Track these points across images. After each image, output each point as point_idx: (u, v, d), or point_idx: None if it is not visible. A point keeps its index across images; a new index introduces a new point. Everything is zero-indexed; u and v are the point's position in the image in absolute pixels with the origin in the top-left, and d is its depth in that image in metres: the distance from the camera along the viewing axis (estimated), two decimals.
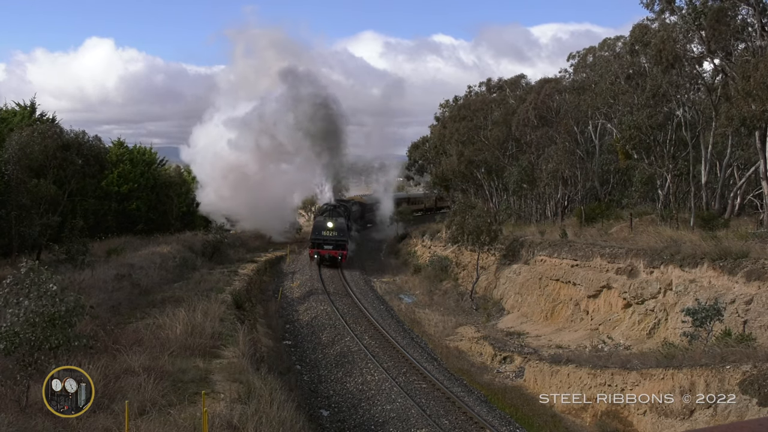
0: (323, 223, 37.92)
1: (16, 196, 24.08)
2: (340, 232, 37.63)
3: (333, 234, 37.34)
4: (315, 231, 38.06)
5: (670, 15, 25.10)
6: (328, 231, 37.38)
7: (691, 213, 25.74)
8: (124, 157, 40.06)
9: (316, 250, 37.15)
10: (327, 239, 37.19)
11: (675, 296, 19.38)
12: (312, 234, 38.65)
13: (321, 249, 37.13)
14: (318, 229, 37.83)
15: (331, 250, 36.91)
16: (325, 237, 37.28)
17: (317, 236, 37.58)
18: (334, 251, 36.99)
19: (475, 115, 44.09)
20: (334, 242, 37.18)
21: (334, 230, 37.44)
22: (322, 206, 44.40)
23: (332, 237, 37.27)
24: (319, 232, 37.65)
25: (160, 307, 17.06)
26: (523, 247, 29.59)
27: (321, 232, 37.50)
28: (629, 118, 26.51)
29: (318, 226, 38.06)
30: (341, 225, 38.10)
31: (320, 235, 37.44)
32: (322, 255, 37.04)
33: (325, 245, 37.02)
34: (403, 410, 15.76)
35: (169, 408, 10.29)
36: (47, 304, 9.42)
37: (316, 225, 38.63)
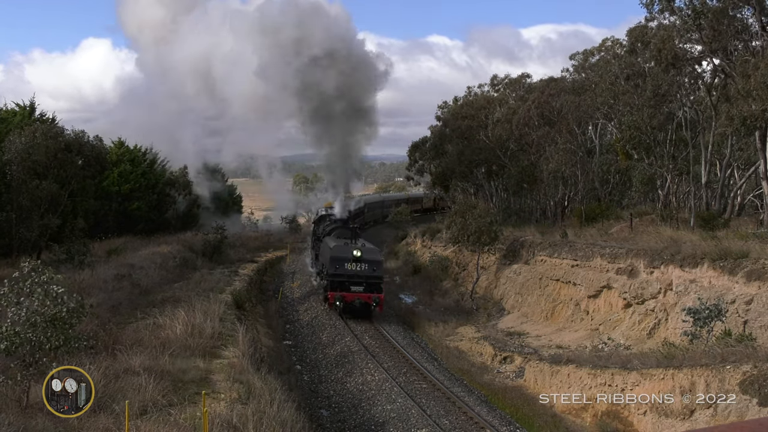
0: (346, 252, 25.31)
1: (17, 196, 24.09)
2: (373, 265, 25.24)
3: (362, 268, 24.94)
4: (333, 263, 25.06)
5: (670, 15, 25.11)
6: (355, 263, 24.92)
7: (691, 213, 25.74)
8: (124, 157, 40.06)
9: (338, 293, 24.72)
10: (354, 276, 24.91)
11: (675, 296, 19.38)
12: (327, 266, 25.68)
13: (346, 292, 24.72)
14: (338, 261, 25.05)
15: (361, 293, 24.63)
16: (350, 273, 24.86)
17: (338, 271, 24.92)
18: (367, 295, 24.63)
19: (477, 114, 44.12)
20: (365, 280, 24.93)
21: (364, 262, 25.00)
22: (326, 220, 34.42)
23: (362, 272, 24.92)
24: (340, 264, 24.96)
25: (160, 307, 17.06)
26: (523, 247, 29.59)
27: (344, 265, 24.88)
28: (629, 118, 26.52)
29: (338, 257, 25.20)
30: (374, 254, 26.03)
31: (343, 270, 24.84)
32: (349, 302, 24.55)
33: (353, 286, 24.77)
34: (403, 410, 15.76)
35: (170, 408, 10.29)
36: (49, 305, 9.42)
37: (333, 254, 25.49)
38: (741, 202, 26.42)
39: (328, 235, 29.67)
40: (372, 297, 24.67)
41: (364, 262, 25.05)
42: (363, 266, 25.06)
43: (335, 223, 32.32)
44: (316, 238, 33.27)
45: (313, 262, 35.08)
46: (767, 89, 19.98)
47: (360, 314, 25.01)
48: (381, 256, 27.57)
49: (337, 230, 30.14)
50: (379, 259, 26.38)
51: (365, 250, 25.80)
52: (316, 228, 35.34)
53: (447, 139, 46.66)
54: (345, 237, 28.05)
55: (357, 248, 25.39)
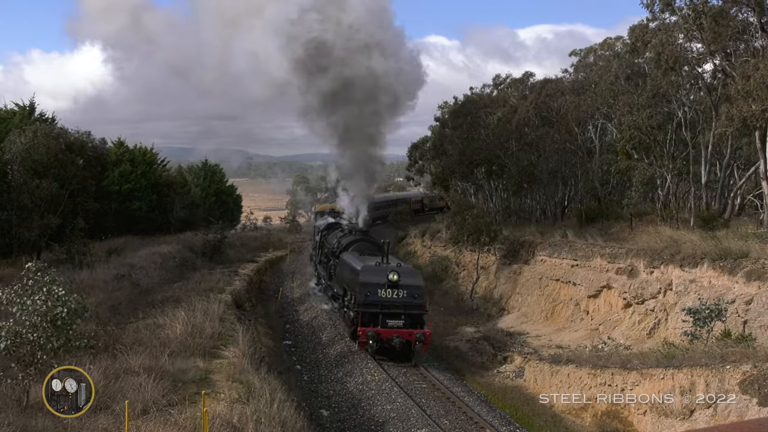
0: (379, 275, 19.67)
1: (18, 196, 24.11)
2: (414, 291, 19.67)
3: (400, 295, 19.46)
4: (364, 290, 19.51)
5: (670, 15, 25.12)
6: (391, 290, 19.42)
7: (691, 213, 25.74)
8: (124, 157, 40.10)
9: (371, 330, 19.09)
10: (390, 306, 19.43)
11: (675, 296, 19.40)
12: (354, 293, 20.06)
13: (382, 327, 19.22)
14: (369, 287, 19.48)
15: (400, 329, 19.20)
16: (385, 302, 19.41)
17: (369, 300, 19.43)
18: (408, 331, 19.21)
19: (478, 113, 44.12)
20: (404, 311, 19.44)
21: (403, 287, 19.48)
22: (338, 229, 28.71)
23: (400, 301, 19.47)
24: (372, 291, 19.43)
25: (160, 307, 17.05)
26: (523, 247, 29.60)
27: (376, 292, 19.38)
28: (629, 118, 26.52)
29: (368, 282, 19.57)
30: (413, 277, 20.32)
31: (375, 298, 19.40)
32: (386, 339, 19.03)
33: (389, 320, 19.30)
34: (403, 410, 15.76)
35: (170, 408, 10.29)
36: (50, 306, 9.43)
37: (364, 279, 19.72)
38: (741, 202, 26.41)
39: (346, 251, 23.96)
40: (415, 334, 18.95)
41: (402, 287, 19.35)
42: (401, 293, 19.33)
43: (352, 234, 26.19)
44: (329, 253, 26.61)
45: (323, 283, 28.36)
46: (767, 89, 19.99)
47: (399, 356, 19.22)
48: (422, 279, 21.30)
49: (357, 244, 24.70)
50: (420, 283, 20.32)
51: (403, 272, 19.79)
52: (325, 238, 29.22)
53: (447, 139, 46.65)
54: (369, 252, 23.31)
55: (393, 270, 19.38)
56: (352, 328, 20.65)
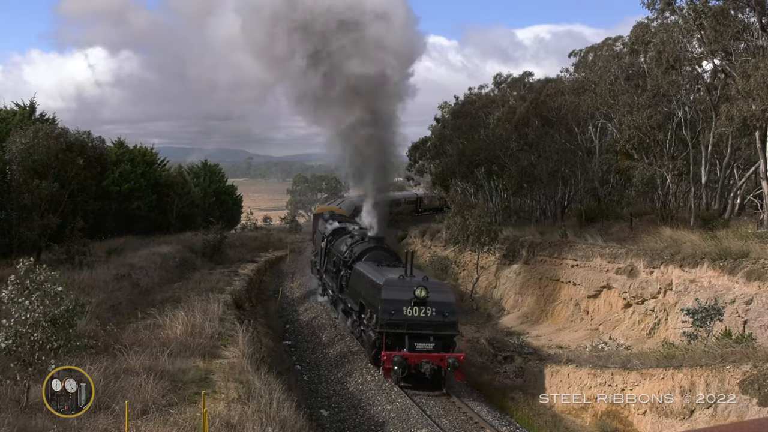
0: (403, 290, 17.32)
1: (18, 196, 24.12)
2: (444, 308, 17.33)
3: (429, 313, 17.12)
4: (387, 308, 17.14)
5: (671, 15, 25.11)
6: (418, 308, 17.08)
7: (691, 213, 25.74)
8: (124, 157, 40.11)
9: (397, 353, 16.77)
10: (417, 326, 17.12)
11: (675, 296, 19.41)
12: (376, 311, 17.61)
13: (409, 350, 16.93)
14: (393, 305, 17.14)
15: (431, 353, 16.88)
16: (412, 322, 17.12)
17: (393, 319, 17.12)
18: (439, 355, 16.87)
19: (477, 113, 44.10)
20: (433, 332, 17.14)
21: (432, 305, 17.14)
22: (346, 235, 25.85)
23: (428, 320, 17.14)
24: (396, 309, 17.11)
25: (160, 307, 17.06)
26: (523, 247, 29.60)
27: (401, 310, 17.08)
28: (629, 118, 26.52)
29: (392, 299, 17.22)
30: (443, 293, 17.90)
31: (400, 317, 17.11)
32: (414, 365, 16.79)
33: (418, 342, 17.00)
34: (403, 410, 15.75)
35: (170, 408, 10.29)
36: (50, 305, 9.43)
37: (386, 295, 17.34)
38: (741, 202, 26.40)
39: (359, 260, 21.70)
40: (446, 358, 16.54)
41: (430, 305, 16.95)
42: (429, 311, 16.93)
43: (365, 241, 23.57)
44: (339, 262, 23.70)
45: (331, 294, 25.69)
46: (767, 89, 19.98)
47: (429, 385, 16.92)
48: (452, 294, 18.90)
49: (372, 252, 22.29)
50: (452, 299, 17.75)
51: (431, 286, 17.33)
52: (331, 245, 26.74)
53: (447, 139, 46.64)
54: (387, 262, 21.33)
55: (421, 286, 17.00)
56: (373, 352, 18.06)
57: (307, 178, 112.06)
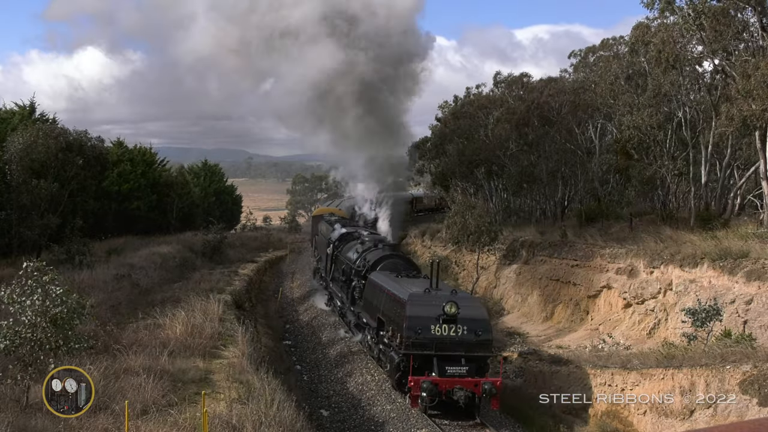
0: (430, 306, 15.41)
1: (17, 196, 24.12)
2: (477, 326, 15.35)
3: (460, 332, 15.18)
4: (412, 326, 15.23)
5: (671, 15, 25.10)
6: (448, 325, 15.13)
7: (691, 213, 25.74)
8: (124, 157, 40.12)
9: (426, 379, 14.73)
10: (446, 346, 15.18)
11: (675, 296, 19.41)
12: (400, 330, 15.57)
13: (440, 375, 14.89)
14: (419, 323, 15.24)
15: (464, 378, 14.88)
16: (441, 342, 15.17)
17: (420, 339, 15.19)
18: (473, 380, 14.88)
19: (477, 114, 44.10)
20: (464, 352, 15.18)
21: (463, 322, 15.19)
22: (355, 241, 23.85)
23: (459, 340, 15.19)
24: (423, 327, 15.19)
25: (160, 307, 17.05)
26: (523, 247, 29.60)
27: (428, 329, 15.15)
28: (629, 118, 26.52)
29: (418, 315, 15.33)
30: (475, 308, 15.95)
31: (428, 336, 15.17)
32: (445, 390, 14.75)
33: (449, 365, 15.03)
34: (403, 410, 15.75)
35: (170, 408, 10.29)
36: (49, 305, 9.42)
37: (412, 312, 15.38)
38: (741, 202, 26.40)
39: (374, 270, 19.97)
40: (481, 384, 14.55)
41: (462, 322, 14.95)
42: (461, 329, 14.96)
43: (378, 248, 21.56)
44: (350, 271, 21.83)
45: (339, 305, 24.04)
46: (767, 89, 19.98)
47: (461, 413, 15.04)
48: (485, 309, 17.11)
49: (388, 261, 20.45)
50: (485, 315, 15.88)
51: (461, 301, 15.28)
52: (339, 251, 24.60)
53: (447, 139, 46.64)
54: (406, 272, 19.40)
55: (450, 301, 14.96)
56: (396, 376, 15.70)
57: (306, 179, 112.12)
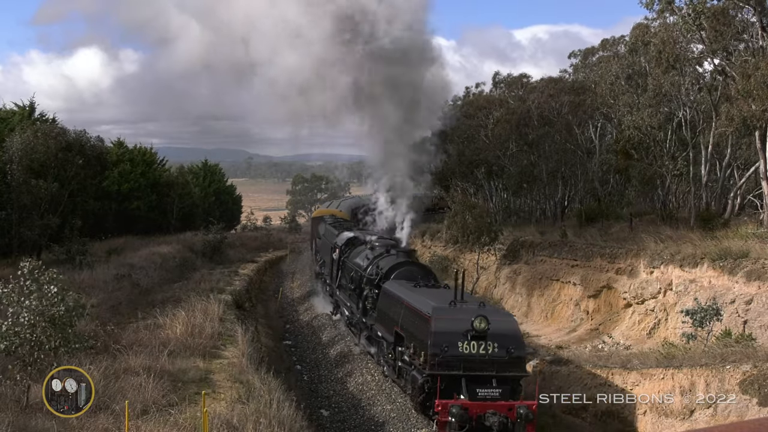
0: (457, 320, 13.75)
1: (18, 196, 24.12)
2: (509, 342, 13.67)
3: (491, 350, 13.50)
4: (437, 342, 13.50)
5: (670, 15, 25.09)
6: (477, 342, 13.46)
7: (691, 213, 25.74)
8: (124, 157, 40.12)
9: (455, 402, 12.91)
10: (475, 366, 13.47)
11: (675, 296, 19.41)
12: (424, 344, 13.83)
13: (470, 398, 13.16)
14: (445, 339, 13.53)
15: (496, 401, 13.19)
16: (469, 361, 13.47)
17: (446, 357, 13.47)
18: (506, 404, 13.09)
19: (477, 114, 44.10)
20: (495, 371, 13.48)
21: (494, 338, 13.56)
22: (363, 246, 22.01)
23: (489, 358, 13.49)
24: (450, 344, 13.48)
25: (160, 307, 17.05)
26: (523, 247, 29.60)
27: (456, 346, 13.45)
28: (629, 118, 26.54)
29: (443, 330, 13.60)
30: (506, 322, 14.32)
31: (455, 354, 13.45)
32: (476, 415, 12.86)
33: (480, 386, 13.36)
34: (403, 410, 15.74)
35: (170, 408, 10.30)
36: (48, 305, 9.42)
37: (437, 327, 13.61)
38: (741, 202, 26.41)
39: (387, 278, 18.29)
40: (517, 409, 12.81)
41: (491, 338, 13.35)
42: (491, 346, 13.33)
43: (391, 254, 19.92)
44: (361, 279, 20.09)
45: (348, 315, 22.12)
46: (767, 89, 19.98)
47: None
48: (516, 323, 14.84)
49: (404, 269, 18.67)
50: (516, 330, 14.16)
51: (490, 315, 13.64)
52: (347, 257, 22.71)
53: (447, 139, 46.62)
54: (424, 282, 17.73)
55: (479, 315, 13.36)
56: (420, 398, 13.90)
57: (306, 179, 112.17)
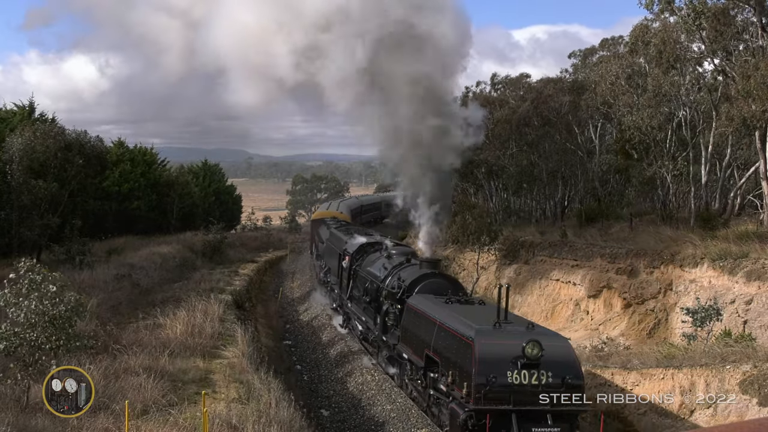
0: (505, 344, 11.28)
1: (18, 196, 24.11)
2: (566, 371, 11.17)
3: (545, 379, 10.98)
4: (483, 370, 10.97)
5: (670, 15, 25.10)
6: (529, 371, 10.96)
7: (691, 213, 25.75)
8: (124, 157, 40.10)
9: None
10: (529, 399, 10.91)
11: (675, 296, 19.41)
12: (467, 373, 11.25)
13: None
14: (492, 367, 11.03)
15: None
16: (520, 392, 10.91)
17: (494, 388, 10.87)
18: None
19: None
20: (551, 405, 10.88)
21: (547, 366, 11.05)
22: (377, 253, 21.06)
23: (545, 389, 10.92)
24: (498, 373, 10.96)
25: (161, 307, 17.05)
26: (523, 247, 29.60)
27: (504, 375, 10.95)
28: (629, 118, 26.54)
29: (489, 357, 11.13)
30: (562, 347, 11.60)
31: (503, 384, 10.91)
32: None
33: (533, 423, 10.84)
34: (403, 410, 15.74)
35: (170, 408, 10.30)
36: (47, 304, 9.42)
37: (482, 353, 11.13)
38: (741, 202, 26.42)
39: (410, 293, 16.13)
40: None
41: (545, 366, 11.16)
42: (545, 376, 11.13)
43: (413, 264, 18.03)
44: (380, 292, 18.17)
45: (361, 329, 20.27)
46: (767, 89, 19.99)
47: None
48: (572, 348, 12.24)
49: (428, 282, 16.40)
50: (573, 356, 11.74)
51: (543, 338, 11.38)
52: (359, 266, 21.07)
53: None
54: (456, 298, 14.97)
55: (531, 339, 11.07)
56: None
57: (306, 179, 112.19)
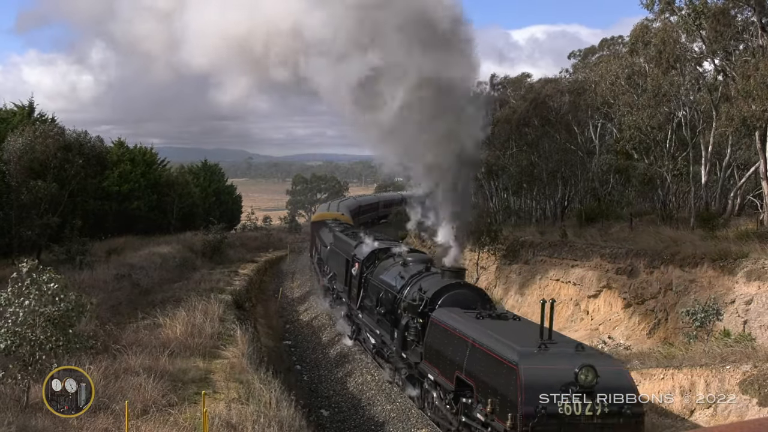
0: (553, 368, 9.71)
1: (17, 196, 24.11)
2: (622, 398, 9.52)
3: (600, 409, 9.40)
4: (530, 398, 9.36)
5: (670, 15, 25.10)
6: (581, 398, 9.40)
7: (691, 213, 25.75)
8: (124, 157, 40.08)
9: None
10: (582, 430, 9.39)
11: (675, 296, 19.41)
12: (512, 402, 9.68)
13: None
14: (538, 393, 9.38)
15: None
16: (573, 423, 9.34)
17: (545, 416, 9.28)
18: None
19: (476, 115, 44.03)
20: None
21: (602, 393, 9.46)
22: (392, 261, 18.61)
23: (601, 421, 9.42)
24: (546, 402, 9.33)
25: (160, 307, 17.04)
26: (523, 247, 29.60)
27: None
28: (629, 118, 26.54)
29: (535, 383, 9.48)
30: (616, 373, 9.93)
31: (552, 414, 9.30)
32: None
33: None
34: (403, 410, 15.74)
35: (170, 408, 10.30)
36: (47, 304, 9.42)
37: (528, 379, 9.50)
38: (741, 202, 26.43)
39: (432, 306, 14.48)
40: None
41: (600, 393, 9.68)
42: (600, 405, 9.68)
43: (433, 275, 16.18)
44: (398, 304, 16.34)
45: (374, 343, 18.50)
46: (767, 89, 19.99)
47: None
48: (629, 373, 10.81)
49: (452, 294, 14.68)
50: (630, 382, 10.20)
51: (595, 360, 10.07)
52: (371, 275, 19.08)
53: None
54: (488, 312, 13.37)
55: (585, 364, 9.68)
56: None
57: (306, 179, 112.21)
